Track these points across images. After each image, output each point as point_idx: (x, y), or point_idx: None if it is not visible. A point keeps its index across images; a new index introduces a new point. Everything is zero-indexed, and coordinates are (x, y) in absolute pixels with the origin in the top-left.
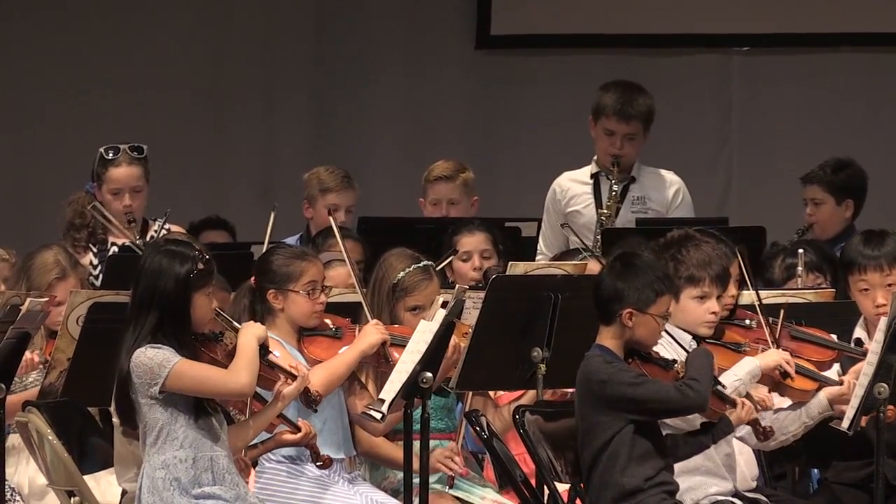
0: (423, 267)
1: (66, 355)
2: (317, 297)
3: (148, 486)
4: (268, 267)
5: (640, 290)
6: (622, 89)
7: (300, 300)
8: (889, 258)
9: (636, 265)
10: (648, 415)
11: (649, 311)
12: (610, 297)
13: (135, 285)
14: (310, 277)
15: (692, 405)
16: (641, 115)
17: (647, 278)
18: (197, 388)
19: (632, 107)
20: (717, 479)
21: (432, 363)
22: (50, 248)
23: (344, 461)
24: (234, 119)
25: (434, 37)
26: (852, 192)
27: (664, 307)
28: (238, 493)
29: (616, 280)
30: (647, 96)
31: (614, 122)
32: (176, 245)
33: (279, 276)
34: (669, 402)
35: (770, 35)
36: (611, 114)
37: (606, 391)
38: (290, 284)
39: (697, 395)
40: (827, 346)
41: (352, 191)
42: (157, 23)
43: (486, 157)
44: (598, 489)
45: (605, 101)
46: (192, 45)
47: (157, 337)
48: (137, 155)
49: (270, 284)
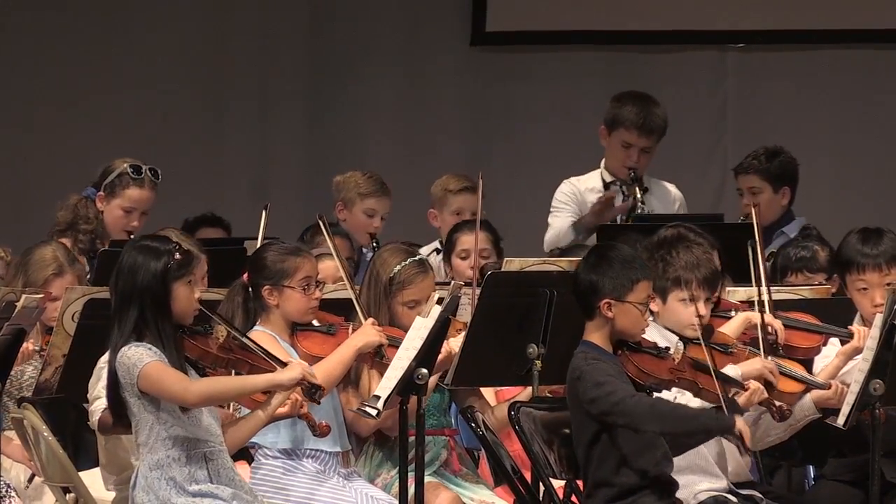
0: (419, 261)
1: (61, 351)
2: (312, 293)
3: (143, 486)
4: (262, 263)
5: (615, 279)
6: (641, 102)
7: (295, 296)
8: (887, 257)
9: (609, 256)
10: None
11: (627, 299)
12: (586, 291)
13: (114, 284)
14: (304, 273)
15: (627, 414)
16: (660, 129)
17: (622, 268)
18: (157, 391)
19: (652, 121)
20: (710, 476)
21: (427, 360)
22: (48, 245)
23: (339, 456)
24: (230, 117)
25: (429, 33)
26: (787, 179)
27: (643, 294)
28: (234, 489)
29: (590, 273)
30: (662, 108)
31: (635, 136)
32: (151, 240)
33: (273, 272)
34: (610, 405)
35: (764, 32)
36: (631, 127)
37: (579, 389)
38: (285, 280)
39: (638, 409)
40: (814, 330)
41: (389, 198)
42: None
43: (481, 153)
44: (594, 487)
45: (625, 113)
46: (188, 45)
47: (142, 333)
48: (156, 179)
49: (265, 280)
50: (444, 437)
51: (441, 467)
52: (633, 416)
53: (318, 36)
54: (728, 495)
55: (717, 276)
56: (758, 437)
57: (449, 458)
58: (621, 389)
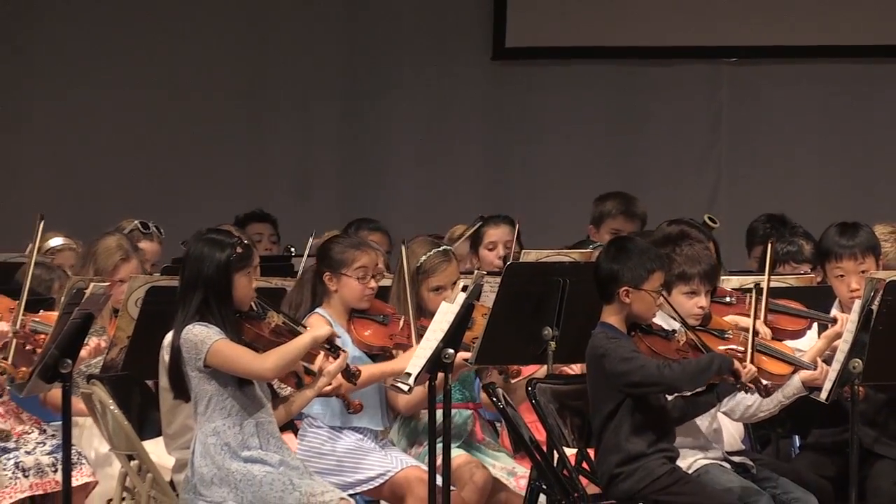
0: (443, 251)
1: (125, 333)
2: (367, 282)
3: (200, 451)
4: (327, 253)
5: (633, 269)
6: (621, 196)
7: (352, 283)
8: (862, 248)
9: (628, 248)
10: (633, 388)
11: (643, 287)
12: (607, 279)
13: (182, 271)
14: (361, 264)
15: (667, 384)
16: (642, 216)
17: (639, 258)
18: (229, 366)
19: (635, 207)
20: (706, 451)
21: (454, 341)
22: (112, 235)
23: (379, 433)
24: (275, 126)
25: (454, 49)
26: None
27: (657, 283)
28: (282, 456)
29: (612, 263)
30: (640, 201)
31: (621, 222)
32: (215, 234)
33: (335, 261)
34: (650, 377)
35: (755, 47)
36: (617, 215)
37: (605, 365)
38: (344, 269)
39: (673, 376)
40: (799, 315)
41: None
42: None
43: (500, 159)
44: (605, 453)
45: (608, 207)
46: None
47: (204, 315)
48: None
49: (327, 268)
50: (469, 410)
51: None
52: (668, 381)
53: (354, 51)
54: (723, 462)
55: (715, 270)
56: (751, 412)
57: (473, 429)
58: (649, 362)
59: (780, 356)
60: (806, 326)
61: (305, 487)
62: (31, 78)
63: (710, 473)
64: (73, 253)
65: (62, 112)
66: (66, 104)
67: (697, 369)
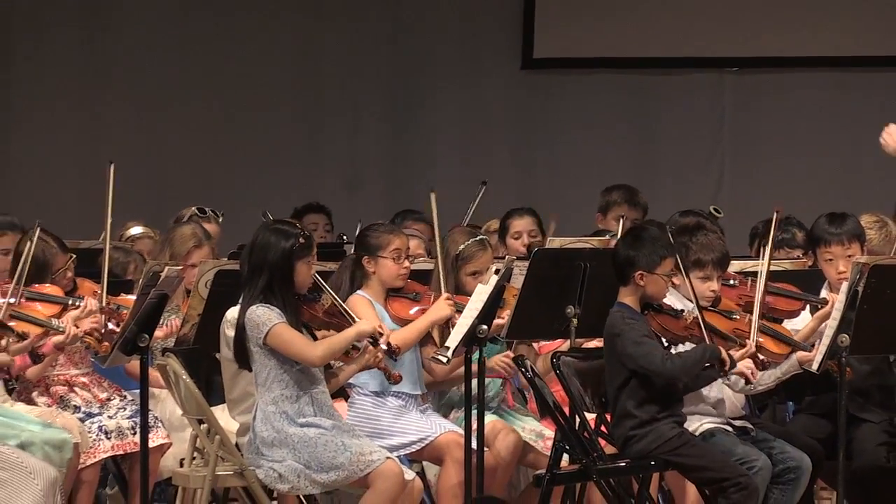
0: (479, 240)
1: (196, 312)
2: (402, 263)
3: (261, 418)
4: (364, 238)
5: (648, 255)
6: (625, 188)
7: (388, 264)
8: (849, 235)
9: (643, 237)
10: (638, 369)
11: (656, 271)
12: (623, 263)
13: (247, 256)
14: (395, 246)
15: (666, 376)
16: (644, 205)
17: (653, 246)
18: (284, 348)
19: (638, 197)
20: (709, 417)
21: (488, 317)
22: (188, 224)
23: (418, 397)
24: (328, 127)
25: (486, 59)
26: None
27: (668, 267)
28: (334, 421)
29: (628, 249)
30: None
31: (625, 209)
32: (281, 224)
33: (372, 245)
34: (652, 366)
35: (756, 58)
36: (622, 202)
37: (617, 344)
38: (380, 251)
39: (673, 369)
40: (795, 297)
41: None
42: (267, 49)
43: (529, 161)
44: (620, 418)
45: (613, 197)
46: (295, 70)
47: (267, 297)
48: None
49: (365, 252)
50: (501, 379)
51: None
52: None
53: (397, 62)
54: (725, 426)
55: (727, 257)
56: (751, 387)
57: (504, 396)
58: (655, 353)
59: (781, 337)
60: (800, 307)
61: (355, 448)
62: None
63: (715, 436)
64: (151, 241)
65: (137, 119)
66: (141, 109)
67: (693, 362)
